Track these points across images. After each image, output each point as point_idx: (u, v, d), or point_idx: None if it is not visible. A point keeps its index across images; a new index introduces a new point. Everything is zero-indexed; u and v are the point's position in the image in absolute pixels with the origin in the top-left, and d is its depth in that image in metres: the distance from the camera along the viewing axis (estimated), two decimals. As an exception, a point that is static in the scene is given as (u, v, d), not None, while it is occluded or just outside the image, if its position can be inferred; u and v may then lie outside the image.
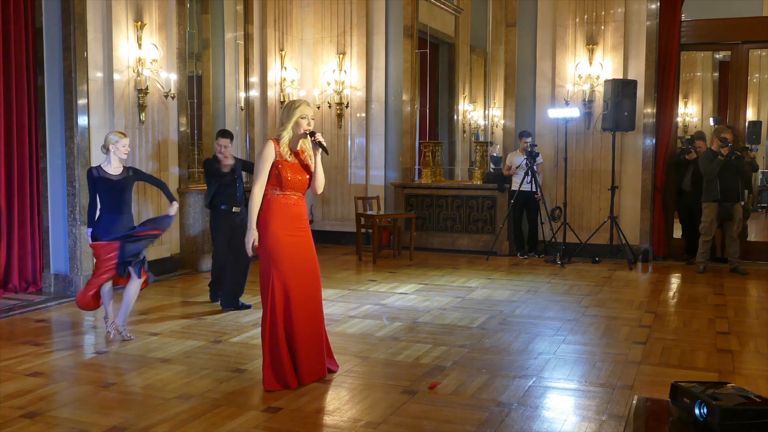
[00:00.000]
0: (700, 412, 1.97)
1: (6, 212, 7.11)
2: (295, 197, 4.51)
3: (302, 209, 4.58)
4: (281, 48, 10.40)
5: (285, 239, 4.45)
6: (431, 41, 11.55)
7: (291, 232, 4.49)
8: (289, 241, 4.47)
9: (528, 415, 4.04)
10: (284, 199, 4.48)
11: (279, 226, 4.45)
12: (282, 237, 4.44)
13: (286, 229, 4.47)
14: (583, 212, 9.74)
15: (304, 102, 4.57)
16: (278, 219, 4.46)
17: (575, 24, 9.60)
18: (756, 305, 7.18)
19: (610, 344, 5.50)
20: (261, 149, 4.50)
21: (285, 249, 4.44)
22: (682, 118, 11.64)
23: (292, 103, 4.54)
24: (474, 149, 10.85)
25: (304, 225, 4.60)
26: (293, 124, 4.46)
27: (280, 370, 4.42)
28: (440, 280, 8.17)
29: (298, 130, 4.48)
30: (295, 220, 4.52)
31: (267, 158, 4.43)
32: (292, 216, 4.50)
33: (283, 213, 4.47)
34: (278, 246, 4.43)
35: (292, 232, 4.49)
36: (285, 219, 4.47)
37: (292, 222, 4.50)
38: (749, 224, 9.88)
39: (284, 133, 4.46)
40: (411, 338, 5.64)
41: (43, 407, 4.15)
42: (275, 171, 4.45)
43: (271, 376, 4.43)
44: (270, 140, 4.50)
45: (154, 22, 7.95)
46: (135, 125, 7.73)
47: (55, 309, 6.72)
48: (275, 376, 4.43)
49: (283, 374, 4.42)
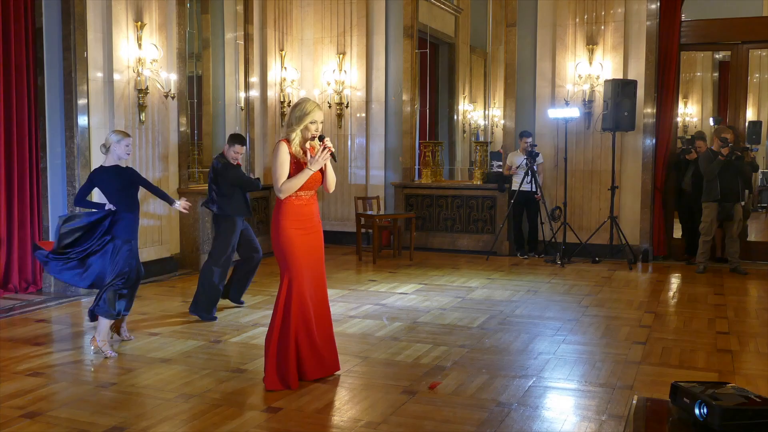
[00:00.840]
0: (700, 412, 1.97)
1: (6, 212, 7.11)
2: (307, 197, 4.51)
3: (314, 208, 4.59)
4: (281, 48, 10.40)
5: (298, 239, 4.46)
6: (431, 41, 11.55)
7: (304, 231, 4.49)
8: (303, 240, 4.48)
9: (528, 415, 4.05)
10: (297, 199, 4.47)
11: (292, 225, 4.45)
12: (295, 236, 4.45)
13: (299, 228, 4.47)
14: (583, 212, 9.74)
15: (316, 106, 4.49)
16: (291, 218, 4.46)
17: (575, 24, 9.60)
18: (756, 305, 7.18)
19: (610, 344, 5.50)
20: (276, 152, 4.43)
21: (299, 248, 4.45)
22: (682, 118, 11.64)
23: (303, 106, 4.46)
24: (474, 149, 10.85)
25: (317, 223, 4.61)
26: (303, 128, 4.44)
27: (285, 370, 4.42)
28: (440, 280, 8.17)
29: (307, 134, 4.46)
30: (308, 220, 4.53)
31: (285, 159, 4.40)
32: (305, 215, 4.51)
33: (295, 212, 4.47)
34: (293, 245, 4.43)
35: (305, 231, 4.50)
36: (298, 218, 4.47)
37: (304, 221, 4.50)
38: (749, 224, 9.88)
39: (293, 135, 4.44)
40: (411, 338, 5.65)
41: (43, 407, 4.15)
42: (290, 171, 4.43)
43: (274, 376, 4.42)
44: (282, 141, 4.45)
45: (154, 22, 7.95)
46: (135, 125, 7.73)
47: (55, 309, 6.71)
48: (279, 375, 4.42)
49: (286, 374, 4.42)
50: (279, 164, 4.40)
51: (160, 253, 8.20)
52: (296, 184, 4.41)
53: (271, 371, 4.43)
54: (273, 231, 4.51)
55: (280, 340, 4.43)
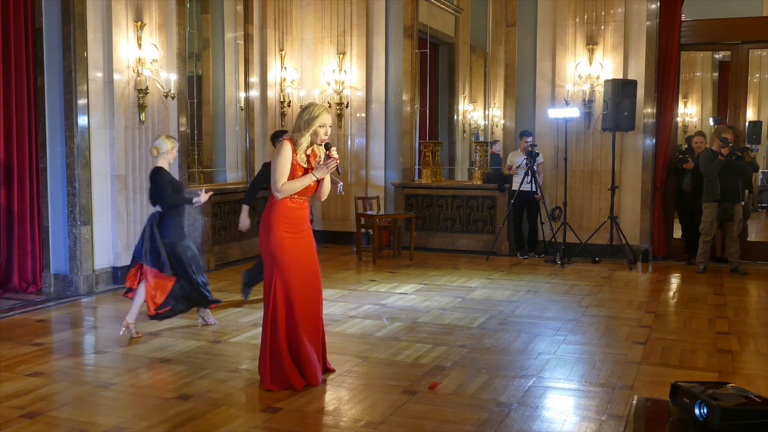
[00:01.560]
0: (700, 412, 1.97)
1: (6, 212, 7.11)
2: (301, 200, 4.50)
3: (306, 212, 4.59)
4: (281, 48, 10.40)
5: (288, 241, 4.45)
6: (431, 41, 11.54)
7: (294, 234, 4.48)
8: (293, 243, 4.46)
9: (528, 415, 4.04)
10: (291, 202, 4.45)
11: (282, 228, 4.44)
12: (285, 238, 4.44)
13: (289, 231, 4.46)
14: (583, 212, 9.74)
15: (324, 109, 4.45)
16: (282, 221, 4.44)
17: (575, 24, 9.60)
18: (756, 305, 7.18)
19: (610, 344, 5.50)
20: (279, 149, 4.39)
21: (289, 251, 4.44)
22: (682, 118, 11.64)
23: (312, 110, 4.40)
24: (474, 149, 10.85)
25: (307, 227, 4.61)
26: (312, 133, 4.40)
27: (281, 371, 4.42)
28: (440, 280, 8.17)
29: (315, 139, 4.44)
30: (299, 223, 4.52)
31: (287, 159, 4.36)
32: (296, 219, 4.50)
33: (287, 215, 4.45)
34: (282, 247, 4.42)
35: (296, 234, 4.49)
36: (289, 221, 4.46)
37: (295, 224, 4.49)
38: (749, 224, 9.88)
39: (302, 140, 4.38)
40: (411, 338, 5.64)
41: (43, 407, 4.15)
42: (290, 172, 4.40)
43: (268, 376, 4.43)
44: (287, 141, 4.40)
45: (154, 22, 7.95)
46: (135, 125, 7.72)
47: (55, 309, 6.71)
48: (274, 376, 4.43)
49: (284, 375, 4.41)
50: (281, 163, 4.36)
51: (160, 253, 8.19)
52: (297, 186, 4.39)
53: (265, 372, 4.44)
54: (263, 232, 4.48)
55: (271, 341, 4.42)
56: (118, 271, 7.59)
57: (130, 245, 7.68)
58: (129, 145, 7.65)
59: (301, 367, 4.47)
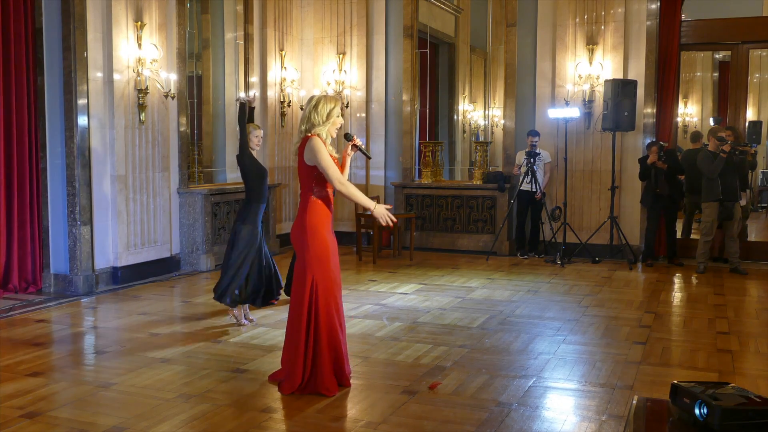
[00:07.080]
0: (700, 412, 1.97)
1: (6, 212, 7.10)
2: (331, 195, 4.46)
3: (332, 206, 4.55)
4: (281, 48, 10.40)
5: (331, 243, 4.40)
6: (431, 41, 11.54)
7: (330, 232, 4.45)
8: (332, 245, 4.42)
9: (528, 415, 4.04)
10: (325, 199, 4.42)
11: (325, 228, 4.38)
12: (328, 240, 4.39)
13: (329, 230, 4.43)
14: (583, 212, 9.73)
15: (334, 99, 4.45)
16: (324, 220, 4.38)
17: (575, 24, 9.60)
18: (756, 305, 7.18)
19: (610, 344, 5.50)
20: (316, 148, 4.26)
21: (332, 254, 4.39)
22: (682, 118, 11.64)
23: (325, 102, 4.37)
24: (474, 149, 10.85)
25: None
26: (331, 125, 4.39)
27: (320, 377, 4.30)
28: (440, 280, 8.17)
29: (333, 130, 4.43)
30: (330, 219, 4.48)
31: (327, 152, 4.32)
32: (330, 215, 4.47)
33: (325, 213, 4.40)
34: (328, 249, 4.36)
35: (331, 231, 4.46)
36: (328, 218, 4.42)
37: (330, 220, 4.46)
38: (749, 224, 9.88)
39: (324, 133, 4.36)
40: (411, 338, 5.64)
41: (43, 407, 4.15)
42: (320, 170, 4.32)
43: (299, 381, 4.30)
44: (316, 137, 4.32)
45: (154, 22, 7.95)
46: (135, 125, 7.73)
47: (55, 309, 6.71)
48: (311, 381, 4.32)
49: (321, 380, 4.30)
50: (326, 158, 4.26)
51: (160, 253, 8.20)
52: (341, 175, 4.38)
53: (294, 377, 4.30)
54: (309, 230, 4.33)
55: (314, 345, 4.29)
56: (118, 271, 7.59)
57: (130, 245, 7.70)
58: (129, 145, 7.65)
59: (338, 370, 4.40)
